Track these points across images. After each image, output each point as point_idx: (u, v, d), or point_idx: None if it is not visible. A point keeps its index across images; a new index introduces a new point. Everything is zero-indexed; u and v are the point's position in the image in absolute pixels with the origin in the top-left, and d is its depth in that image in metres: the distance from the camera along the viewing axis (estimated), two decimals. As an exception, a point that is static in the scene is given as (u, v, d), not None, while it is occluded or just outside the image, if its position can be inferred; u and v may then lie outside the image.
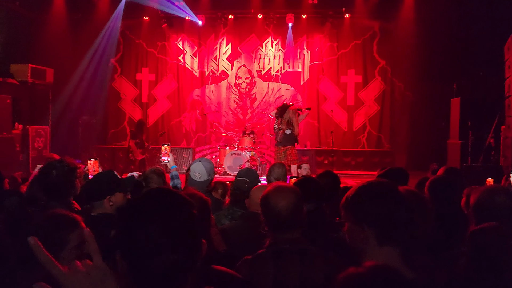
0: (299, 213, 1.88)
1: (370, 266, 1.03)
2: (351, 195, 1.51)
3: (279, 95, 12.22)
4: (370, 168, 10.57)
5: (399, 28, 11.46)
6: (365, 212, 1.46)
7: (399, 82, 11.85)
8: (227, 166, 10.11)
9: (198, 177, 3.37)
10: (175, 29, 12.20)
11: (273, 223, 1.89)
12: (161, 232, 0.98)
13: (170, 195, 1.06)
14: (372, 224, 1.45)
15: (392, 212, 1.43)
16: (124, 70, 12.46)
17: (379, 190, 1.48)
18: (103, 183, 2.55)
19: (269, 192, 1.92)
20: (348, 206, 1.51)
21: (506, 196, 1.91)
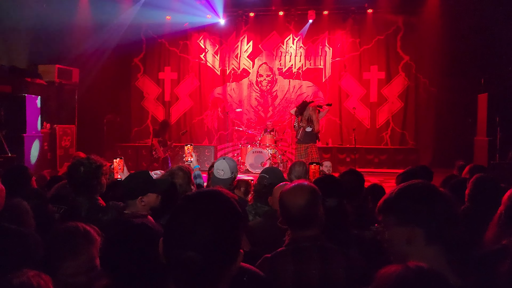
0: (314, 211, 1.88)
1: (414, 266, 1.02)
2: (393, 198, 1.49)
3: (301, 92, 12.17)
4: (394, 165, 10.42)
5: (423, 22, 11.23)
6: (413, 213, 1.45)
7: (424, 78, 11.62)
8: (249, 164, 10.14)
9: (222, 175, 3.40)
10: (197, 27, 12.29)
11: (288, 221, 1.92)
12: (190, 231, 1.02)
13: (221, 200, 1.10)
14: (421, 224, 1.43)
15: (440, 209, 1.43)
16: (147, 69, 12.64)
17: (423, 190, 1.48)
18: (137, 183, 2.57)
19: (285, 190, 1.94)
20: (391, 209, 1.49)
21: None
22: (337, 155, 11.06)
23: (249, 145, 10.52)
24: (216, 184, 3.43)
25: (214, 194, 1.12)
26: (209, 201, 1.09)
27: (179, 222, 1.06)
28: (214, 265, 1.04)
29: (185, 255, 1.02)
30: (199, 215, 1.05)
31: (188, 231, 1.03)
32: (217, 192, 1.12)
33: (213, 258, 1.03)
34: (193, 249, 1.02)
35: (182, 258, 1.02)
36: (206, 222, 1.04)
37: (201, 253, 1.02)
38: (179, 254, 1.02)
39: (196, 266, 1.02)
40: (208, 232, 1.03)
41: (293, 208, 1.86)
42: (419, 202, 1.45)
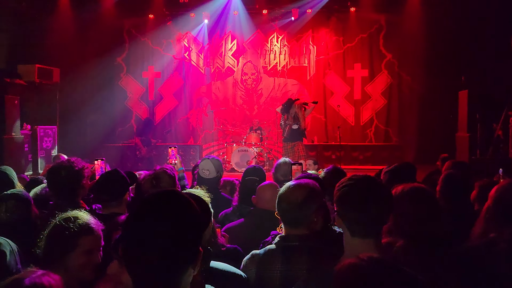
0: (308, 211, 1.88)
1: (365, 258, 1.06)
2: (336, 187, 1.58)
3: (286, 90, 12.19)
4: (379, 162, 10.50)
5: (405, 21, 11.35)
6: (337, 205, 1.54)
7: (407, 75, 11.75)
8: (235, 163, 10.12)
9: (207, 174, 3.39)
10: (180, 26, 12.19)
11: (283, 219, 1.93)
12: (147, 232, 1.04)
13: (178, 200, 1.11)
14: (340, 216, 1.53)
15: (355, 209, 1.48)
16: (130, 68, 12.50)
17: (351, 185, 1.52)
18: (120, 182, 2.57)
19: (284, 189, 1.95)
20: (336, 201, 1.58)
21: None
22: (323, 152, 11.11)
23: (235, 143, 10.51)
24: (202, 184, 3.42)
25: (170, 194, 1.13)
26: (165, 202, 1.10)
27: (136, 223, 1.07)
28: (172, 265, 1.06)
29: (142, 256, 1.03)
30: (155, 216, 1.06)
31: (145, 232, 1.04)
32: (173, 192, 1.14)
33: (170, 258, 1.04)
34: (150, 250, 1.03)
35: (140, 259, 1.04)
36: (162, 223, 1.05)
37: (158, 254, 1.03)
38: (137, 255, 1.04)
39: (153, 267, 1.03)
40: (165, 233, 1.04)
41: (287, 205, 1.87)
42: (341, 197, 1.52)
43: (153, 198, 1.12)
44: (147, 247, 1.03)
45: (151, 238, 1.03)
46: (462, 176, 2.92)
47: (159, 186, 3.32)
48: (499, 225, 1.90)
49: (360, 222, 1.48)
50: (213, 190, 3.41)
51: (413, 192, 1.83)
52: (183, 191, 3.08)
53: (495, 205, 1.93)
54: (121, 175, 2.73)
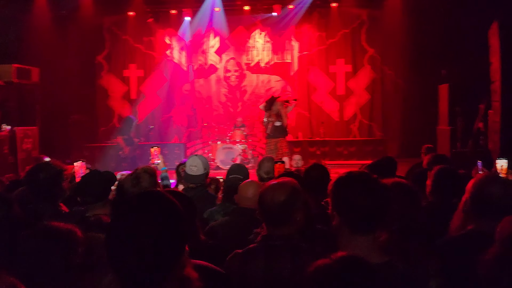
0: (291, 210, 1.87)
1: (337, 258, 1.07)
2: (331, 183, 1.57)
3: (269, 86, 12.19)
4: (363, 157, 10.60)
5: (387, 16, 11.44)
6: (336, 202, 1.53)
7: (389, 70, 11.85)
8: (220, 160, 10.10)
9: (195, 171, 3.37)
10: (162, 23, 12.08)
11: (264, 216, 1.91)
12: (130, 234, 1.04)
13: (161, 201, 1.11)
14: (342, 214, 1.50)
15: (359, 203, 1.47)
16: (111, 67, 12.33)
17: (352, 181, 1.52)
18: (103, 183, 2.54)
19: (265, 188, 1.93)
20: (329, 194, 1.57)
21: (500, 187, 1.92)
22: (308, 148, 11.15)
23: (219, 141, 10.47)
24: (189, 181, 3.41)
25: (153, 196, 1.13)
26: (148, 203, 1.09)
27: (120, 226, 1.07)
28: (158, 266, 1.06)
29: (127, 258, 1.03)
30: (138, 218, 1.06)
31: (128, 235, 1.04)
32: (156, 194, 1.13)
33: (156, 259, 1.04)
34: (134, 252, 1.03)
35: (125, 262, 1.04)
36: (146, 225, 1.04)
37: (143, 256, 1.03)
38: (122, 258, 1.04)
39: (139, 269, 1.03)
40: (148, 235, 1.03)
41: (270, 204, 1.85)
42: (342, 193, 1.51)
43: (136, 199, 1.12)
44: (132, 249, 1.03)
45: (135, 240, 1.03)
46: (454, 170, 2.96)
47: (140, 186, 3.29)
48: (477, 217, 1.93)
49: (363, 218, 1.47)
50: (200, 188, 3.40)
51: (394, 187, 1.85)
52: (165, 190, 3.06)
53: (472, 198, 1.96)
54: (102, 176, 2.70)
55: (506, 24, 6.86)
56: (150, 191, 1.16)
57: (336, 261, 1.05)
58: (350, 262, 1.06)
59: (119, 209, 1.11)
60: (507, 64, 6.75)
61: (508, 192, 1.92)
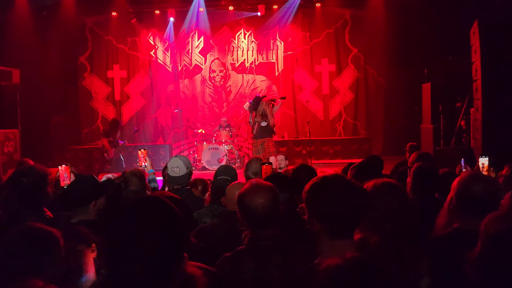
0: (276, 210, 1.88)
1: (348, 258, 1.04)
2: (307, 189, 1.53)
3: (254, 86, 12.19)
4: (348, 156, 10.68)
5: (369, 15, 11.56)
6: (313, 208, 1.49)
7: (372, 69, 11.98)
8: (206, 161, 10.06)
9: (177, 172, 3.34)
10: (145, 24, 11.98)
11: (251, 221, 1.89)
12: (130, 242, 1.01)
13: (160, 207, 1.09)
14: (320, 220, 1.47)
15: (336, 210, 1.44)
16: (94, 68, 12.17)
17: (327, 186, 1.49)
18: (88, 188, 2.50)
19: (245, 190, 1.91)
20: (304, 200, 1.54)
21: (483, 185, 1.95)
22: (293, 147, 11.19)
23: (205, 142, 10.43)
24: (173, 183, 3.38)
25: (151, 202, 1.10)
26: (147, 210, 1.07)
27: (119, 234, 1.04)
28: (157, 275, 1.04)
29: (128, 267, 1.01)
30: (138, 226, 1.03)
31: (128, 243, 1.02)
32: (154, 200, 1.11)
33: (156, 268, 1.03)
34: (135, 260, 1.01)
35: (125, 271, 1.01)
36: (146, 233, 1.02)
37: (144, 264, 1.01)
38: (122, 267, 1.01)
39: (139, 278, 1.01)
40: (149, 243, 1.01)
41: (257, 208, 1.84)
42: (319, 199, 1.48)
43: (134, 207, 1.09)
44: (133, 257, 1.01)
45: (136, 248, 1.01)
46: (432, 167, 3.00)
47: (128, 190, 3.25)
48: (462, 215, 1.96)
49: (342, 223, 1.45)
50: (186, 190, 3.37)
51: (384, 188, 1.86)
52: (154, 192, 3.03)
53: (457, 197, 1.98)
54: (93, 180, 2.66)
55: (487, 23, 6.98)
56: (148, 197, 1.14)
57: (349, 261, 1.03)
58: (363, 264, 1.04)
59: (118, 216, 1.08)
60: (487, 63, 6.87)
61: (490, 190, 1.95)
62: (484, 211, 1.79)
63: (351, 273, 1.01)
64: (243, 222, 1.94)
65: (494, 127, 6.74)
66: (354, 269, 1.02)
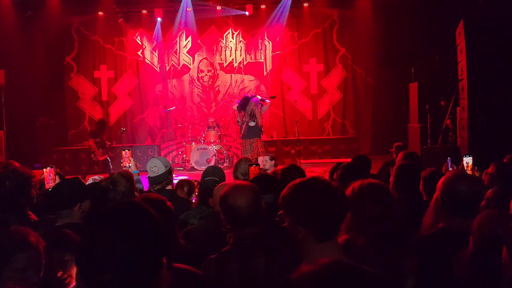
0: (259, 209, 1.89)
1: (322, 263, 1.02)
2: (285, 195, 1.51)
3: (243, 86, 12.17)
4: (337, 155, 10.74)
5: (357, 15, 11.64)
6: (298, 215, 1.47)
7: (360, 69, 12.06)
8: (194, 161, 10.01)
9: (156, 171, 3.35)
10: (132, 23, 11.88)
11: (235, 221, 1.88)
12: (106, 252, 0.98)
13: (137, 213, 1.05)
14: (306, 226, 1.46)
15: (322, 213, 1.43)
16: (80, 68, 12.03)
17: (306, 190, 1.47)
18: (73, 190, 2.46)
19: (227, 191, 1.90)
20: (284, 207, 1.51)
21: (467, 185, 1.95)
22: (282, 147, 11.20)
23: (194, 142, 10.39)
24: (154, 183, 3.39)
25: (128, 207, 1.06)
26: (123, 217, 1.03)
27: (94, 243, 1.00)
28: (133, 284, 1.00)
29: (104, 278, 0.97)
30: (113, 234, 0.99)
31: (104, 252, 0.98)
32: (132, 205, 1.07)
33: (131, 277, 0.99)
34: (110, 271, 0.97)
35: (101, 281, 0.97)
36: (120, 240, 0.99)
37: (118, 274, 0.97)
38: (98, 277, 0.98)
39: (116, 284, 0.98)
40: (123, 251, 0.98)
41: (240, 207, 1.83)
42: (303, 205, 1.45)
43: (109, 214, 1.05)
44: (107, 266, 0.98)
45: (110, 256, 0.98)
46: (414, 166, 3.01)
47: (116, 191, 3.22)
48: (447, 215, 1.96)
49: (327, 224, 1.44)
50: (167, 191, 3.35)
51: (370, 189, 1.85)
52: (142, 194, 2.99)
53: (443, 196, 1.98)
54: (79, 182, 2.62)
55: (472, 23, 7.07)
56: (125, 201, 1.10)
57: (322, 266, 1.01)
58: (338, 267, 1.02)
59: (92, 223, 1.04)
60: (473, 62, 6.95)
61: (474, 189, 1.95)
62: (469, 210, 1.79)
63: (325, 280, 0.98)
64: (226, 224, 1.92)
65: (480, 125, 6.82)
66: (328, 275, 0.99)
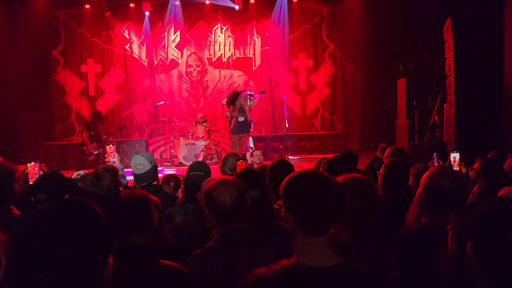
0: (244, 204, 1.87)
1: (277, 269, 0.99)
2: (285, 181, 1.49)
3: (232, 81, 12.13)
4: (325, 151, 10.77)
5: (346, 11, 11.66)
6: (288, 203, 1.46)
7: (349, 65, 12.10)
8: (182, 157, 9.96)
9: (142, 168, 3.30)
10: (120, 17, 11.74)
11: (219, 216, 1.87)
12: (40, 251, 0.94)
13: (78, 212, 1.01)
14: (294, 216, 1.44)
15: (312, 205, 1.41)
16: (67, 62, 11.86)
17: (303, 182, 1.45)
18: (56, 184, 2.42)
19: (211, 186, 1.89)
20: (281, 191, 1.50)
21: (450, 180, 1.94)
22: (271, 143, 11.21)
23: (182, 137, 10.33)
24: (140, 181, 3.34)
25: (69, 206, 1.03)
26: (61, 216, 1.00)
27: (28, 242, 0.96)
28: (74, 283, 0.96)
29: (36, 277, 0.93)
30: (49, 232, 0.96)
31: (38, 251, 0.94)
32: (74, 203, 1.04)
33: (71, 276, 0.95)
34: (45, 270, 0.93)
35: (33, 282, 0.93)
36: (57, 239, 0.95)
37: (56, 273, 0.93)
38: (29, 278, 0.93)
39: None
40: (61, 249, 0.94)
41: (224, 202, 1.82)
42: (294, 194, 1.44)
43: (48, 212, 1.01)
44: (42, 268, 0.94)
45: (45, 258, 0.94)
46: (403, 162, 3.02)
47: (100, 185, 3.18)
48: (429, 211, 1.95)
49: (316, 219, 1.41)
50: (153, 187, 3.32)
51: (353, 183, 1.85)
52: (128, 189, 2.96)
53: (425, 192, 1.97)
54: (61, 175, 2.59)
55: (459, 20, 7.13)
56: (67, 200, 1.06)
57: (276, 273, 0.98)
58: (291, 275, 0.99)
59: (30, 219, 1.00)
60: (460, 59, 7.03)
61: (457, 185, 1.93)
62: (451, 206, 1.79)
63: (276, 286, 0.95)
64: (211, 220, 1.91)
65: (466, 122, 6.90)
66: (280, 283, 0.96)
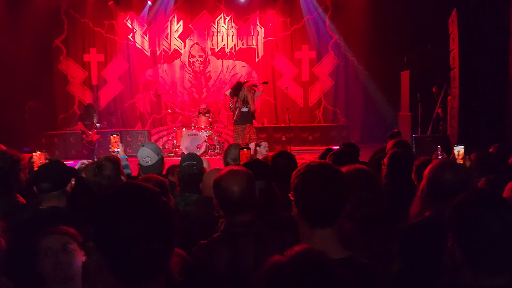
0: (253, 195, 1.87)
1: (292, 255, 1.01)
2: (295, 171, 1.50)
3: (234, 72, 12.09)
4: (327, 142, 10.74)
5: (350, 2, 11.57)
6: (295, 196, 1.47)
7: (352, 56, 12.03)
8: (185, 147, 9.97)
9: (149, 161, 3.30)
10: (123, 6, 11.67)
11: (227, 207, 1.87)
12: (139, 223, 1.03)
13: (141, 188, 1.11)
14: (300, 208, 1.45)
15: (316, 197, 1.41)
16: (70, 51, 11.82)
17: (309, 174, 1.45)
18: (60, 173, 2.43)
19: (221, 175, 1.88)
20: (291, 188, 1.51)
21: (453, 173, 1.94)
22: (273, 134, 11.20)
23: (184, 128, 10.33)
24: (147, 173, 3.33)
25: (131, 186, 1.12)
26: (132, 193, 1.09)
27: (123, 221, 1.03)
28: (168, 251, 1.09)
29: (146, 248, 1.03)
30: (128, 213, 1.04)
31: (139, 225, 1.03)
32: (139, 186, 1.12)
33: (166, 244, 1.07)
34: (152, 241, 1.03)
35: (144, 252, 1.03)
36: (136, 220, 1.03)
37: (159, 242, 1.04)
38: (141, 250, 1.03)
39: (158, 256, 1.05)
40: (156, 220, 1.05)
41: (233, 193, 1.82)
42: (300, 186, 1.45)
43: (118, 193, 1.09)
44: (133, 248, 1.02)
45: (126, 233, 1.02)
46: (407, 154, 3.02)
47: (102, 175, 3.19)
48: (432, 203, 1.95)
49: (320, 211, 1.42)
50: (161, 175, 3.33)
51: (356, 174, 1.85)
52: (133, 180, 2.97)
53: (428, 184, 1.97)
54: (64, 164, 2.60)
55: (465, 12, 7.07)
56: (131, 183, 1.15)
57: (291, 259, 0.99)
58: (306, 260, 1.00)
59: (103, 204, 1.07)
60: (465, 51, 6.97)
61: (460, 177, 1.93)
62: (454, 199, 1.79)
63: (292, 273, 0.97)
64: (219, 209, 1.92)
65: (470, 115, 6.87)
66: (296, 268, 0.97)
